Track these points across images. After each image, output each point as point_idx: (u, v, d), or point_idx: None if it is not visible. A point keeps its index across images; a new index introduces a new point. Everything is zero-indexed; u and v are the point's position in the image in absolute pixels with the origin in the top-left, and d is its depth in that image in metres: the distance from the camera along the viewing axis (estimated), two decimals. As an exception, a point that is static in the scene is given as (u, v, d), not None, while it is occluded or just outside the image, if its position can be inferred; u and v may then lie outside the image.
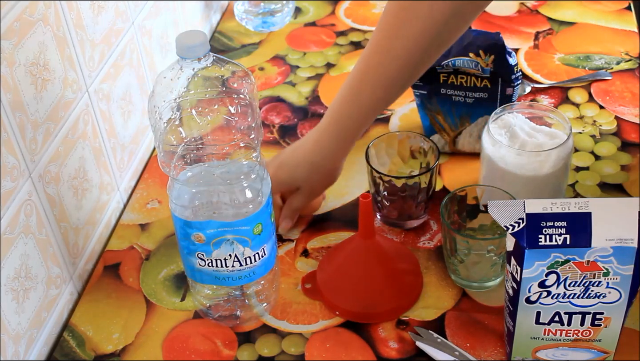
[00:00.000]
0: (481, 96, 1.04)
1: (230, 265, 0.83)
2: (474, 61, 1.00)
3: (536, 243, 0.72)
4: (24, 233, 0.84)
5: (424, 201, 0.98)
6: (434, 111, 1.08)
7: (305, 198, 0.99)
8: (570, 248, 0.72)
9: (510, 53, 1.00)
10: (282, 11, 1.38)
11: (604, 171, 1.05)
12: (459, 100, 1.05)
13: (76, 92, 0.93)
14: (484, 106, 1.04)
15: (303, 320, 0.90)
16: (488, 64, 1.00)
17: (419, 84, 1.06)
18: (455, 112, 1.06)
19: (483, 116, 1.05)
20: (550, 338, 0.78)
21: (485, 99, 1.04)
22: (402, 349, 0.86)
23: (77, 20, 0.93)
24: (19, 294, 0.84)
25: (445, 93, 1.05)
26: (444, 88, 1.05)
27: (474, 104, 1.05)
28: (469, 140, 1.08)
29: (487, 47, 0.99)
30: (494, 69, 1.00)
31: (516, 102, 1.02)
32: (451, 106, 1.06)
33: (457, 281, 0.92)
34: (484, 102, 1.04)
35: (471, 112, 1.06)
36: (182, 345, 0.88)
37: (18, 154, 0.82)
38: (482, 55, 1.00)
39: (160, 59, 1.19)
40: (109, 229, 1.04)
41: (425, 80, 1.05)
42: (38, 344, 0.88)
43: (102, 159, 1.01)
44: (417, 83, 1.06)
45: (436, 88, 1.05)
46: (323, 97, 1.23)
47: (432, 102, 1.07)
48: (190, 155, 0.79)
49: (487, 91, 1.03)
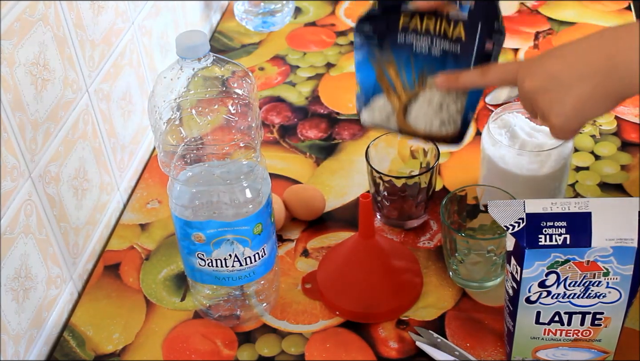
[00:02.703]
0: (452, 47, 0.80)
1: (230, 265, 0.83)
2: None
3: (536, 242, 0.72)
4: (24, 233, 0.84)
5: (424, 201, 0.98)
6: (385, 62, 0.83)
7: None
8: (570, 248, 0.72)
9: None
10: (282, 11, 1.38)
11: (604, 171, 1.05)
12: (422, 51, 0.81)
13: (76, 92, 0.93)
14: (453, 63, 0.81)
15: (303, 319, 0.90)
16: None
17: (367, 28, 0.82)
18: (414, 65, 0.82)
19: None
20: (550, 338, 0.78)
21: (456, 54, 0.81)
22: (402, 349, 0.86)
23: (77, 20, 0.93)
24: (19, 294, 0.84)
25: (404, 41, 0.81)
26: (402, 34, 0.81)
27: (440, 59, 0.81)
28: (425, 111, 0.84)
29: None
30: (475, 6, 0.79)
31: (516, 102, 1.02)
32: (410, 57, 0.82)
33: (457, 281, 0.92)
34: (454, 57, 0.81)
35: (434, 68, 0.82)
36: (182, 345, 0.88)
37: (18, 154, 0.82)
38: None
39: (160, 59, 1.19)
40: (109, 229, 1.04)
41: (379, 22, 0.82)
42: (38, 344, 0.88)
43: (102, 159, 1.01)
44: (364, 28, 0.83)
45: (392, 33, 0.82)
46: (323, 97, 1.23)
47: (384, 52, 0.83)
48: (190, 155, 0.79)
49: (459, 43, 0.80)
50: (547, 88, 0.73)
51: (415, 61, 0.82)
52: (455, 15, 0.79)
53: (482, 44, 0.79)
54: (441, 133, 0.84)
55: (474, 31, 0.79)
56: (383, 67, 0.83)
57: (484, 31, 0.79)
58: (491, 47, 0.80)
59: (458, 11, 0.79)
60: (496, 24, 0.79)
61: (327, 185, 1.07)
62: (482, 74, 0.80)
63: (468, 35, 0.80)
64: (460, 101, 0.83)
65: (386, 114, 0.86)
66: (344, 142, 1.14)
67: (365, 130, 1.15)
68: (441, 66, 0.82)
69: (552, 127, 0.75)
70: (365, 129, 1.15)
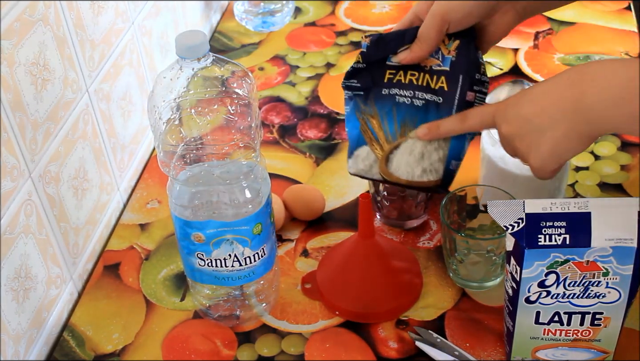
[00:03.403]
0: (434, 98, 0.82)
1: (229, 265, 0.83)
2: None
3: (536, 243, 0.72)
4: (24, 233, 0.84)
5: (424, 201, 0.98)
6: (368, 114, 0.85)
7: None
8: (569, 248, 0.72)
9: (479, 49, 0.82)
10: (282, 11, 1.38)
11: (604, 171, 1.05)
12: (405, 101, 0.83)
13: (76, 92, 0.93)
14: (435, 113, 0.82)
15: (303, 319, 0.90)
16: (450, 51, 0.81)
17: (354, 83, 0.85)
18: (396, 116, 0.83)
19: None
20: (549, 338, 0.78)
21: (438, 103, 0.82)
22: (402, 349, 0.86)
23: (77, 20, 0.93)
24: (19, 294, 0.84)
25: (388, 93, 0.84)
26: (387, 87, 0.83)
27: (423, 108, 0.82)
28: (407, 160, 0.84)
29: None
30: (457, 58, 0.81)
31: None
32: (392, 108, 0.83)
33: (457, 281, 0.92)
34: (437, 107, 0.82)
35: (417, 119, 0.83)
36: (181, 345, 0.88)
37: (18, 154, 0.82)
38: (445, 40, 0.81)
39: (160, 59, 1.19)
40: (109, 229, 1.04)
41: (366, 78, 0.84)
42: (38, 344, 0.88)
43: (102, 159, 1.01)
44: (352, 83, 0.85)
45: (377, 87, 0.84)
46: (323, 97, 1.23)
47: (369, 104, 0.84)
48: (190, 155, 0.79)
49: (442, 93, 0.81)
50: (523, 132, 0.75)
51: (398, 112, 0.84)
52: (438, 67, 0.81)
53: (463, 94, 0.81)
54: (423, 181, 0.85)
55: (456, 83, 0.81)
56: (366, 119, 0.85)
57: (466, 82, 0.81)
58: (473, 97, 0.81)
59: (440, 63, 0.81)
60: (477, 75, 0.81)
61: (327, 185, 1.07)
62: (462, 120, 0.81)
63: (450, 86, 0.81)
64: (442, 150, 0.83)
65: (369, 163, 0.87)
66: (344, 142, 1.14)
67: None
68: (423, 115, 0.83)
69: (532, 169, 0.78)
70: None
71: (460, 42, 0.81)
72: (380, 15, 1.40)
